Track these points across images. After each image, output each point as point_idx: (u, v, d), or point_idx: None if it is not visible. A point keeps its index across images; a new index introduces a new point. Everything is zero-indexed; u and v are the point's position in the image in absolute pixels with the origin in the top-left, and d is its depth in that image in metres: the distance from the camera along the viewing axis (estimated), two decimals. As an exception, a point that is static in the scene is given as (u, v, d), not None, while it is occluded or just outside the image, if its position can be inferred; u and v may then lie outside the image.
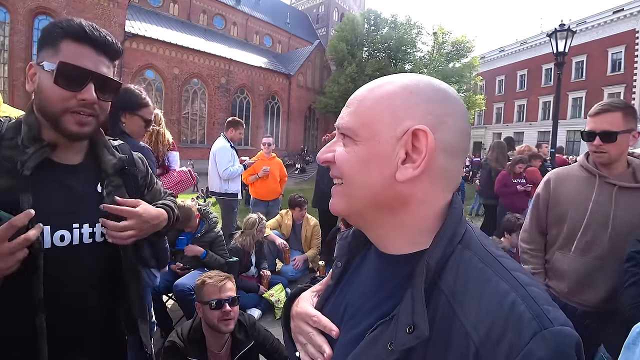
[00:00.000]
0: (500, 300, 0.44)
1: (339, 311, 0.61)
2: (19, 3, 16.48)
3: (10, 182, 0.83)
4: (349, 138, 0.54)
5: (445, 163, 0.51)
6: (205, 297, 1.87)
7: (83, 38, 0.88)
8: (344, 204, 0.57)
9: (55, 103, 0.87)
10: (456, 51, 27.01)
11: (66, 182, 0.94)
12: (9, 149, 0.87)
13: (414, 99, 0.51)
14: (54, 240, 0.90)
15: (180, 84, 22.63)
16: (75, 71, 0.86)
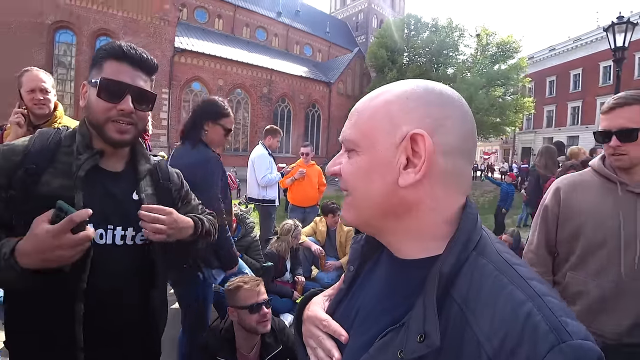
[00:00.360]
0: (515, 310, 0.42)
1: (350, 315, 0.61)
2: (83, 26, 18.13)
3: (66, 183, 0.96)
4: (352, 150, 0.56)
5: (447, 165, 0.51)
6: (241, 302, 1.92)
7: (122, 57, 1.01)
8: (353, 215, 0.58)
9: (98, 113, 1.00)
10: (502, 52, 25.84)
11: (108, 187, 1.06)
12: (66, 155, 1.00)
13: (411, 104, 0.51)
14: (95, 238, 0.99)
15: (224, 94, 23.54)
16: (114, 85, 0.99)
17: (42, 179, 0.95)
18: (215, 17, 27.70)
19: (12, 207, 0.93)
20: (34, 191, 0.94)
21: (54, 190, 0.94)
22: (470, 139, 0.54)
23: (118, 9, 18.82)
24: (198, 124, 2.13)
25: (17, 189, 0.93)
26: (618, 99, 1.31)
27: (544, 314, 0.41)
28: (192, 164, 1.94)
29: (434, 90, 0.53)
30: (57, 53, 18.39)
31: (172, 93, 20.63)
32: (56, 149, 1.00)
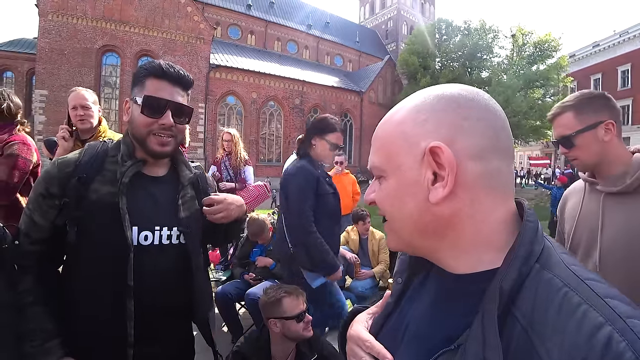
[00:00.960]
0: (592, 335, 0.35)
1: (399, 330, 0.58)
2: (127, 49, 19.45)
3: (113, 189, 1.05)
4: (380, 176, 0.55)
5: (481, 168, 0.47)
6: (287, 312, 1.92)
7: (161, 75, 1.08)
8: (395, 240, 0.57)
9: (141, 128, 1.08)
10: (539, 52, 24.75)
11: (152, 191, 1.14)
12: (112, 164, 1.09)
13: (422, 117, 0.50)
14: (140, 239, 1.07)
15: (258, 107, 24.22)
16: (155, 102, 1.07)
17: (91, 187, 1.05)
18: (247, 33, 28.69)
19: (66, 213, 1.03)
20: (85, 198, 1.03)
21: (102, 197, 1.04)
22: (500, 134, 0.49)
23: (157, 31, 20.01)
24: (307, 138, 2.37)
25: (71, 196, 1.03)
26: (555, 109, 1.36)
27: (629, 340, 0.34)
28: (290, 175, 2.27)
29: (444, 95, 0.50)
30: (103, 74, 19.83)
31: (208, 107, 21.48)
32: (104, 159, 1.10)
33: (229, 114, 23.36)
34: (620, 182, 1.17)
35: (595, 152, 1.24)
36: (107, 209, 1.02)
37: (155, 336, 1.12)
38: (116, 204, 1.02)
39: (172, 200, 1.16)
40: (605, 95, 1.26)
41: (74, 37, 18.29)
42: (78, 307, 1.06)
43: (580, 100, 1.26)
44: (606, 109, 1.23)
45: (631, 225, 1.11)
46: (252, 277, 3.23)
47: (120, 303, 1.02)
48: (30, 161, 2.03)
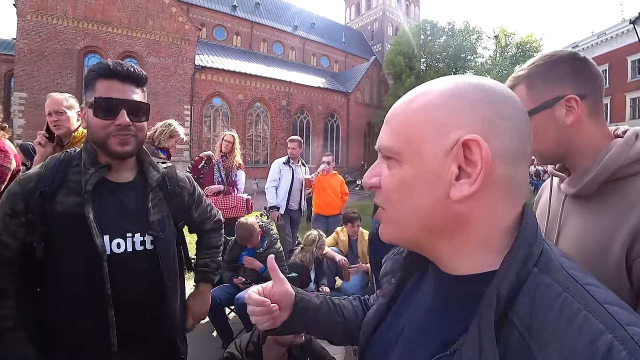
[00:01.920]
0: (592, 343, 0.34)
1: (394, 332, 0.57)
2: (110, 50, 19.04)
3: (78, 199, 1.02)
4: (392, 159, 0.49)
5: (507, 172, 0.45)
6: None
7: (110, 74, 1.05)
8: (394, 231, 0.52)
9: (98, 131, 1.04)
10: (522, 52, 25.37)
11: (120, 198, 1.11)
12: (75, 174, 1.06)
13: (459, 105, 0.45)
14: (113, 248, 1.05)
15: (244, 108, 24.05)
16: (107, 103, 1.03)
17: (56, 199, 1.02)
18: (233, 34, 28.49)
19: (33, 229, 1.01)
20: (50, 211, 1.01)
21: (68, 208, 1.01)
22: (528, 140, 0.47)
23: (141, 32, 19.68)
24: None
25: (35, 212, 1.00)
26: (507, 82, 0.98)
27: (630, 348, 0.33)
28: None
29: (484, 86, 0.46)
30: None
31: (194, 109, 21.22)
32: (66, 170, 1.06)
33: (214, 116, 23.14)
34: (579, 182, 0.84)
35: (554, 140, 0.87)
36: (74, 220, 1.00)
37: (138, 342, 1.11)
38: (83, 213, 0.99)
39: (141, 205, 1.13)
40: (572, 56, 0.88)
41: (54, 38, 17.81)
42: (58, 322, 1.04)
43: (536, 67, 0.90)
44: (569, 77, 0.85)
45: (586, 236, 0.81)
46: (241, 282, 3.20)
47: (100, 313, 1.01)
48: (8, 169, 1.98)
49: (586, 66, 0.88)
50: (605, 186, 0.79)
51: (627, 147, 0.77)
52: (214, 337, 3.20)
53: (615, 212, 0.76)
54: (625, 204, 0.74)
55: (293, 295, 0.75)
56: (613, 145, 0.80)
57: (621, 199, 0.76)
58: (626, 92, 26.56)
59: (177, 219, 1.25)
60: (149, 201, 1.15)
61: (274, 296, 0.72)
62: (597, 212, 0.80)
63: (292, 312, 0.74)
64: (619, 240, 0.72)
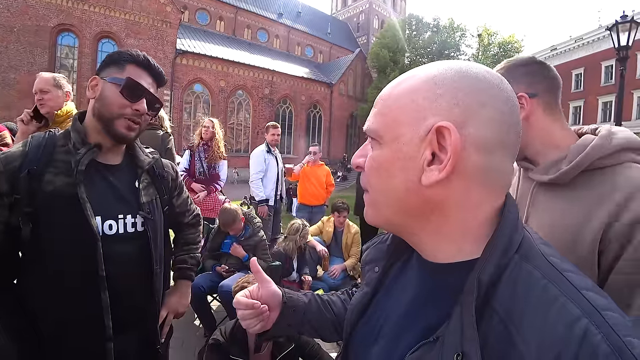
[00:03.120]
0: (569, 327, 0.36)
1: (379, 320, 0.57)
2: (85, 29, 18.25)
3: (69, 180, 0.99)
4: (375, 141, 0.50)
5: (481, 160, 0.44)
6: None
7: (145, 66, 1.11)
8: (373, 213, 0.53)
9: (115, 108, 1.04)
10: (503, 52, 25.90)
11: (110, 179, 1.10)
12: (63, 154, 1.03)
13: (438, 91, 0.45)
14: (105, 229, 1.04)
15: (226, 96, 23.65)
16: (136, 87, 1.06)
17: (44, 179, 0.98)
18: (216, 19, 27.79)
19: (18, 210, 0.96)
20: (39, 191, 0.97)
21: (58, 188, 0.98)
22: (512, 129, 0.46)
23: (120, 12, 18.90)
24: None
25: (22, 191, 0.96)
26: None
27: (604, 332, 0.35)
28: None
29: (469, 72, 0.46)
30: (59, 55, 18.50)
31: (174, 95, 20.69)
32: (52, 150, 1.03)
33: (195, 102, 22.65)
34: (553, 170, 0.90)
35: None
36: (66, 200, 0.97)
37: (132, 327, 1.10)
38: (75, 194, 0.97)
39: (131, 188, 1.14)
40: (529, 61, 0.98)
41: (24, 14, 16.90)
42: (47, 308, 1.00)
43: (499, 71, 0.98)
44: (523, 78, 0.95)
45: (555, 223, 0.86)
46: (224, 269, 3.18)
47: (93, 296, 0.98)
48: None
49: (540, 69, 0.96)
50: (579, 176, 0.84)
51: (608, 140, 0.83)
52: (195, 325, 3.17)
53: (586, 202, 0.81)
54: (597, 195, 0.79)
55: (280, 296, 0.75)
56: (588, 140, 0.85)
57: (592, 190, 0.81)
58: (599, 96, 27.64)
59: (163, 204, 1.25)
60: (140, 183, 1.15)
61: (262, 298, 0.73)
62: (568, 200, 0.85)
63: (281, 312, 0.74)
64: (590, 230, 0.77)
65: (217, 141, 4.10)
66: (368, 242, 0.72)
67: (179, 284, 1.40)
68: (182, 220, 1.44)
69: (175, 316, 1.33)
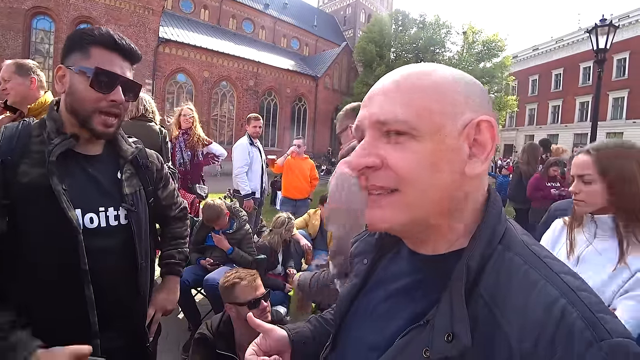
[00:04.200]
0: (548, 307, 0.39)
1: (370, 307, 0.59)
2: (62, 13, 17.49)
3: (42, 170, 0.94)
4: (404, 135, 0.46)
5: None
6: (240, 298, 1.90)
7: (112, 46, 0.99)
8: (404, 216, 0.48)
9: (88, 104, 0.98)
10: (487, 51, 26.18)
11: (90, 171, 1.05)
12: (37, 144, 0.98)
13: (471, 89, 0.49)
14: (85, 223, 1.00)
15: (210, 86, 23.21)
16: (107, 76, 0.97)
17: (19, 170, 0.94)
18: (201, 7, 27.12)
19: None
20: (14, 183, 0.93)
21: (34, 180, 0.94)
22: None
23: (100, -5, 18.24)
24: None
25: None
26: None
27: (580, 310, 0.38)
28: None
29: (477, 83, 0.52)
30: (34, 40, 17.71)
31: (156, 84, 20.17)
32: (27, 140, 0.98)
33: (178, 93, 22.14)
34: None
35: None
36: (42, 192, 0.93)
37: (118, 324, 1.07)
38: (50, 186, 0.93)
39: (113, 179, 1.09)
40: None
41: (-3, -6, 16.12)
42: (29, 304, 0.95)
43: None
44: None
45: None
46: (209, 263, 3.16)
47: (76, 292, 0.95)
48: None
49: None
50: None
51: None
52: (179, 318, 3.15)
53: None
54: None
55: (287, 336, 0.77)
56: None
57: None
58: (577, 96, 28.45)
59: (147, 196, 1.21)
60: (123, 174, 1.10)
61: (271, 347, 0.74)
62: None
63: (294, 350, 0.76)
64: None
65: (196, 128, 3.95)
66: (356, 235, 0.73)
67: (167, 280, 1.36)
68: (168, 214, 1.40)
69: (164, 314, 1.29)
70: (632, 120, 24.30)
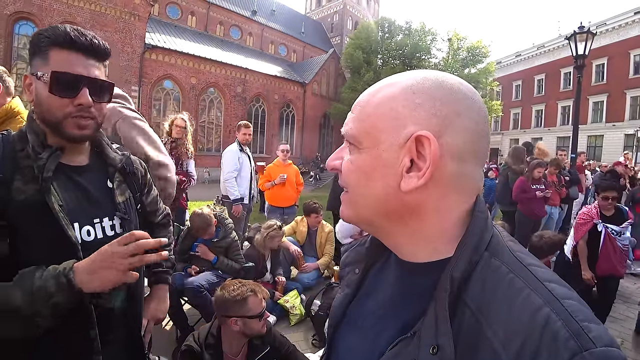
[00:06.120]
0: (532, 316, 0.39)
1: (362, 318, 0.59)
2: (46, 18, 17.18)
3: (36, 186, 0.88)
4: (353, 146, 0.52)
5: (456, 168, 0.47)
6: (252, 311, 1.87)
7: (70, 45, 0.90)
8: (351, 213, 0.55)
9: (53, 111, 0.91)
10: (472, 57, 26.71)
11: (80, 182, 1.00)
12: (24, 159, 0.91)
13: (417, 100, 0.47)
14: (83, 236, 0.96)
15: (197, 93, 23.07)
16: (67, 78, 0.89)
17: (13, 187, 0.88)
18: (188, 13, 27.04)
19: None
20: (10, 201, 0.87)
21: (30, 197, 0.88)
22: (482, 139, 0.50)
23: (84, 1, 18.01)
24: None
25: None
26: None
27: (564, 319, 0.38)
28: None
29: (445, 83, 0.48)
30: (16, 45, 17.36)
31: (142, 91, 19.97)
32: (14, 155, 0.92)
33: (165, 99, 21.95)
34: None
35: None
36: (39, 210, 0.87)
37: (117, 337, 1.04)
38: (46, 202, 0.88)
39: (104, 188, 1.05)
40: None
41: (-23, 0, 15.79)
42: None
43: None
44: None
45: None
46: (195, 271, 3.12)
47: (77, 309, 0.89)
48: None
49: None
50: None
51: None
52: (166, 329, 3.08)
53: None
54: None
55: None
56: None
57: None
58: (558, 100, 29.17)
59: (136, 202, 1.18)
60: (113, 182, 1.07)
61: None
62: None
63: None
64: None
65: (187, 140, 3.97)
66: (347, 245, 0.74)
67: (156, 289, 1.33)
68: (152, 220, 1.37)
69: (155, 323, 1.27)
70: (611, 123, 25.01)
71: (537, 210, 4.91)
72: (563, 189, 5.62)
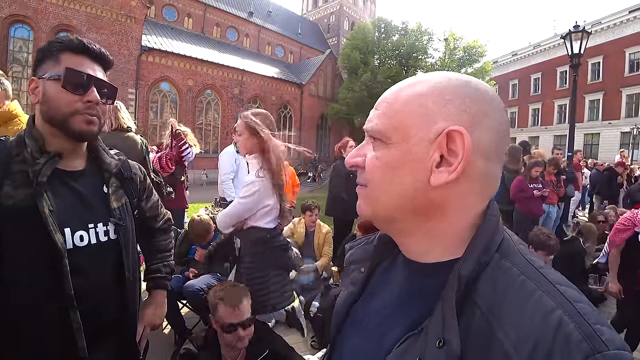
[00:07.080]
0: (545, 318, 0.39)
1: (367, 316, 0.59)
2: (42, 21, 17.14)
3: (27, 191, 0.90)
4: (379, 141, 0.51)
5: (484, 167, 0.48)
6: (220, 319, 1.81)
7: (81, 50, 0.98)
8: (369, 209, 0.55)
9: (63, 106, 0.94)
10: (468, 56, 26.78)
11: (75, 187, 1.01)
12: (19, 164, 0.93)
13: (447, 97, 0.48)
14: (75, 241, 0.96)
15: (194, 95, 23.04)
16: (79, 76, 0.95)
17: (2, 192, 0.89)
18: (184, 15, 27.00)
19: None
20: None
21: (19, 202, 0.89)
22: (504, 139, 0.51)
23: (80, 4, 17.95)
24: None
25: None
26: None
27: (577, 321, 0.38)
28: None
29: (470, 83, 0.50)
30: (12, 49, 17.29)
31: (139, 93, 19.91)
32: (8, 159, 0.93)
33: (162, 102, 21.90)
34: None
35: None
36: (28, 214, 0.88)
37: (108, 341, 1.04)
38: (37, 207, 0.89)
39: (99, 193, 1.06)
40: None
41: (-28, 3, 15.72)
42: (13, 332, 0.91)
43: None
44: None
45: None
46: (194, 274, 3.11)
47: (62, 317, 0.90)
48: None
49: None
50: None
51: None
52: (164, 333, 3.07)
53: None
54: None
55: None
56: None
57: None
58: (555, 99, 29.28)
59: (133, 208, 1.18)
60: (109, 187, 1.08)
61: None
62: None
63: None
64: None
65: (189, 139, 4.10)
66: (351, 242, 0.73)
67: (155, 295, 1.33)
68: (153, 226, 1.37)
69: (152, 328, 1.26)
70: (607, 121, 25.16)
71: (535, 209, 4.92)
72: (561, 189, 5.64)
